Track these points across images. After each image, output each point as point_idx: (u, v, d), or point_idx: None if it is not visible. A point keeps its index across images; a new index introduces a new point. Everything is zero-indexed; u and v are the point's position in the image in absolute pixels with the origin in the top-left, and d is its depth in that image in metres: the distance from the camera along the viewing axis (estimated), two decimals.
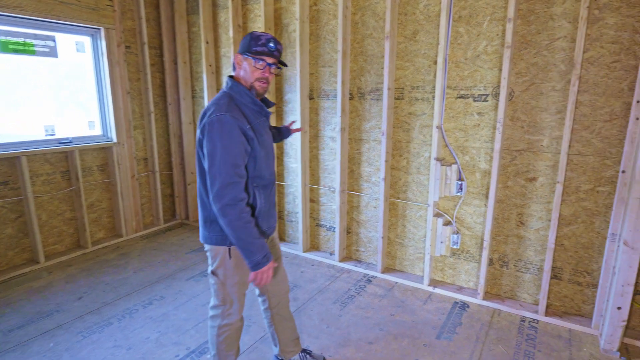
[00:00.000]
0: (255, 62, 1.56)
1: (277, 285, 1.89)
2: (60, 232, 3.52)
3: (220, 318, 1.74)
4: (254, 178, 1.60)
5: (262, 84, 1.60)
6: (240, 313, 1.76)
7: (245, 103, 1.58)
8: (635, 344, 2.25)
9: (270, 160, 1.69)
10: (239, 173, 1.49)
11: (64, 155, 3.48)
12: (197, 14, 3.95)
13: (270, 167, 1.70)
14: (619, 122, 2.24)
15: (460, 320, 2.53)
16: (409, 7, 2.77)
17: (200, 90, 4.13)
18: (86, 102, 3.71)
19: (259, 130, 1.60)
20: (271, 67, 1.60)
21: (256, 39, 1.56)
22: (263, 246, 1.54)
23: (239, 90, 1.58)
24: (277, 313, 1.92)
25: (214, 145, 1.47)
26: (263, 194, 1.64)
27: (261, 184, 1.63)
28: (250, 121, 1.56)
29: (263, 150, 1.61)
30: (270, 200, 1.72)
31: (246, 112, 1.57)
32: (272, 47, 1.57)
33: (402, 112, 2.93)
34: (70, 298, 2.81)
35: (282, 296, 1.91)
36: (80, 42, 3.57)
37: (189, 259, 3.47)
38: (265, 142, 1.64)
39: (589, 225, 2.40)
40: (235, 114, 1.50)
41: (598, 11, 2.20)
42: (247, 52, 1.57)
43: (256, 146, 1.56)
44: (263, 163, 1.62)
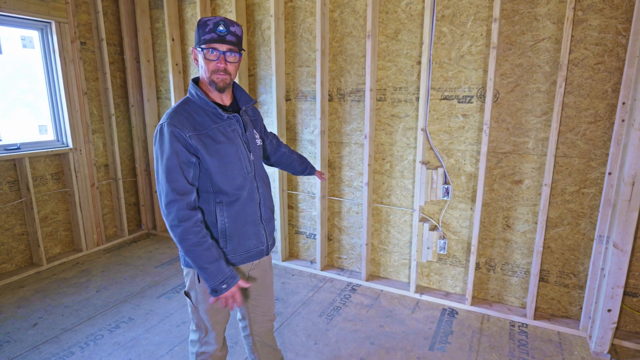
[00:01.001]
0: (207, 52, 1.33)
1: (263, 314, 1.68)
2: (9, 249, 3.15)
3: (198, 344, 1.57)
4: (215, 193, 1.40)
5: (221, 76, 1.35)
6: (218, 343, 1.56)
7: (201, 106, 1.39)
8: (623, 345, 2.27)
9: (235, 172, 1.41)
10: (178, 189, 1.30)
11: (12, 164, 3.11)
12: (160, 9, 3.67)
13: (235, 181, 1.41)
14: (603, 124, 2.24)
15: (451, 329, 2.46)
16: (390, 5, 2.67)
17: (166, 90, 3.85)
18: (36, 104, 3.35)
19: (214, 137, 1.36)
20: (227, 54, 1.34)
21: (203, 25, 1.32)
22: (219, 271, 1.33)
23: (195, 92, 1.39)
24: (259, 340, 1.72)
25: (155, 160, 1.34)
26: (227, 211, 1.41)
27: (225, 200, 1.40)
28: (201, 127, 1.35)
29: (217, 161, 1.36)
30: (245, 218, 1.46)
31: (200, 117, 1.37)
32: (223, 31, 1.32)
33: (385, 114, 2.83)
34: (23, 325, 2.50)
35: (265, 325, 1.71)
36: (27, 37, 3.21)
37: (158, 273, 3.21)
38: (221, 151, 1.37)
39: (575, 227, 2.40)
40: (178, 120, 1.32)
41: (582, 12, 2.19)
42: (198, 43, 1.35)
43: (204, 157, 1.34)
44: (220, 176, 1.37)
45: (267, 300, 1.68)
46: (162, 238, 3.97)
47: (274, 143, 1.83)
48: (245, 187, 1.45)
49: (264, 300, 1.67)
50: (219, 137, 1.38)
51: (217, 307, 1.48)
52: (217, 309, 1.50)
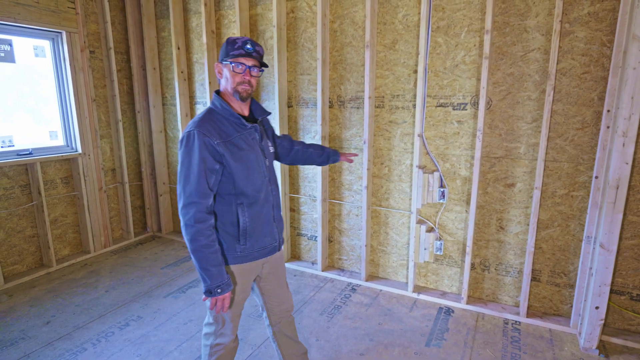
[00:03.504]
0: (234, 66, 1.51)
1: (278, 304, 1.81)
2: (21, 251, 3.26)
3: (213, 337, 1.67)
4: (236, 195, 1.53)
5: (245, 87, 1.53)
6: (233, 333, 1.69)
7: (225, 116, 1.53)
8: (612, 341, 2.37)
9: (255, 177, 1.56)
10: (200, 192, 1.44)
11: (24, 168, 3.23)
12: (166, 19, 3.81)
13: (256, 184, 1.56)
14: (590, 130, 2.36)
15: (447, 326, 2.57)
16: (387, 17, 2.80)
17: (171, 97, 3.97)
18: (47, 111, 3.48)
19: (237, 145, 1.51)
20: (252, 69, 1.53)
21: (232, 43, 1.51)
22: (218, 275, 1.47)
23: (219, 103, 1.54)
24: (278, 330, 1.86)
25: (181, 162, 1.47)
26: (249, 212, 1.56)
27: (245, 201, 1.55)
28: (226, 135, 1.50)
29: (241, 166, 1.51)
30: (262, 218, 1.61)
31: (225, 126, 1.52)
32: (250, 49, 1.51)
33: (383, 120, 2.95)
34: (37, 323, 2.61)
35: (283, 315, 1.84)
36: (39, 47, 3.33)
37: (165, 274, 3.32)
38: (244, 157, 1.53)
39: (565, 228, 2.51)
40: (206, 128, 1.46)
41: (569, 25, 2.31)
42: (225, 58, 1.52)
43: (229, 162, 1.48)
44: (243, 180, 1.52)
45: (280, 291, 1.81)
46: (167, 240, 4.08)
47: (285, 145, 1.93)
48: (262, 190, 1.60)
49: (278, 291, 1.80)
50: (242, 145, 1.53)
51: (237, 300, 1.62)
52: (237, 302, 1.63)
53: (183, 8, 3.66)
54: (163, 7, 3.80)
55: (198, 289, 3.05)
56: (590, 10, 2.25)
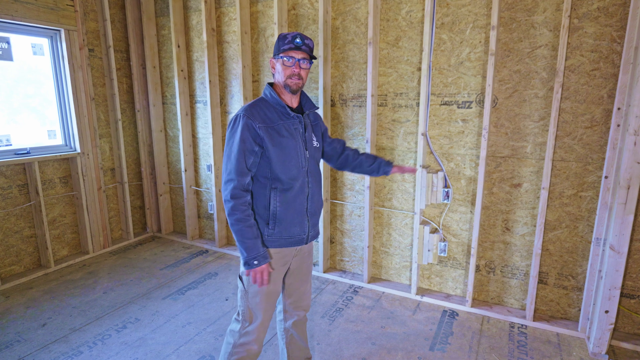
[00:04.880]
0: (285, 60, 1.57)
1: (296, 300, 1.82)
2: (18, 252, 3.22)
3: (237, 335, 1.66)
4: (272, 180, 1.58)
5: (295, 80, 1.59)
6: (259, 333, 1.65)
7: (273, 105, 1.62)
8: (622, 346, 2.30)
9: (291, 164, 1.59)
10: (237, 170, 1.52)
11: (21, 168, 3.19)
12: (166, 16, 3.76)
13: (291, 171, 1.59)
14: (600, 129, 2.29)
15: (451, 330, 2.50)
16: (391, 13, 2.74)
17: (171, 96, 3.93)
18: (45, 110, 3.43)
19: (278, 131, 1.57)
20: (301, 62, 1.58)
21: (282, 39, 1.58)
22: (254, 247, 1.53)
23: (269, 92, 1.63)
24: (291, 327, 1.86)
25: (227, 142, 1.57)
26: (281, 198, 1.59)
27: (279, 187, 1.59)
28: (270, 121, 1.57)
29: (278, 151, 1.56)
30: (294, 207, 1.62)
31: (270, 113, 1.59)
32: (299, 42, 1.57)
33: (386, 119, 2.89)
34: (33, 325, 2.56)
35: (298, 313, 1.85)
36: (37, 45, 3.29)
37: (164, 275, 3.27)
38: (283, 143, 1.57)
39: (573, 229, 2.45)
40: (251, 112, 1.55)
41: (577, 20, 2.25)
42: (277, 54, 1.60)
43: (268, 146, 1.54)
44: (279, 165, 1.56)
45: (302, 286, 1.81)
46: (167, 241, 4.03)
47: (337, 147, 1.90)
48: (298, 179, 1.62)
49: (300, 286, 1.81)
50: (283, 132, 1.59)
51: (270, 290, 1.63)
52: (269, 292, 1.63)
53: (183, 6, 3.61)
54: (163, 4, 3.75)
55: (197, 291, 3.00)
56: (599, 5, 2.18)
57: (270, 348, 2.32)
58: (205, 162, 3.84)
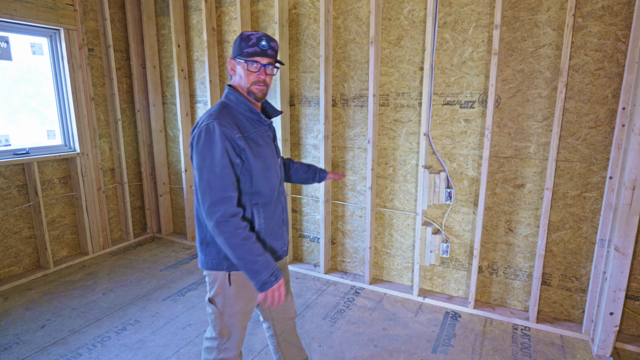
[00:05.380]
0: (248, 64, 1.42)
1: (283, 312, 1.73)
2: (17, 252, 3.19)
3: (216, 351, 1.55)
4: (252, 195, 1.44)
5: (260, 87, 1.45)
6: (238, 348, 1.57)
7: (241, 111, 1.45)
8: (626, 348, 2.28)
9: (271, 175, 1.49)
10: (229, 186, 1.35)
11: (20, 168, 3.17)
12: (166, 16, 3.74)
13: (272, 183, 1.49)
14: (604, 129, 2.27)
15: (454, 332, 2.48)
16: (393, 12, 2.72)
17: (171, 96, 3.90)
18: (44, 110, 3.41)
19: (255, 140, 1.44)
20: (267, 67, 1.45)
21: (246, 39, 1.42)
22: (269, 263, 1.37)
23: (235, 97, 1.46)
24: (283, 339, 1.77)
25: (202, 158, 1.35)
26: (263, 213, 1.47)
27: (261, 201, 1.46)
28: (244, 130, 1.42)
29: (259, 163, 1.43)
30: (274, 220, 1.53)
31: (241, 121, 1.44)
32: (265, 46, 1.42)
33: (388, 119, 2.87)
34: (32, 327, 2.53)
35: (288, 322, 1.76)
36: (37, 44, 3.27)
37: (164, 276, 3.25)
38: (262, 153, 1.45)
39: (577, 230, 2.42)
40: (225, 121, 1.37)
41: (582, 19, 2.22)
42: (239, 55, 1.44)
43: (249, 157, 1.40)
44: (261, 178, 1.44)
45: (286, 297, 1.72)
46: (167, 242, 4.01)
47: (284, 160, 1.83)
48: (276, 190, 1.53)
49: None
50: (260, 141, 1.46)
51: (246, 310, 1.53)
52: (245, 312, 1.53)
53: (183, 5, 3.59)
54: (163, 4, 3.73)
55: (197, 292, 2.98)
56: (604, 4, 2.16)
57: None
58: None
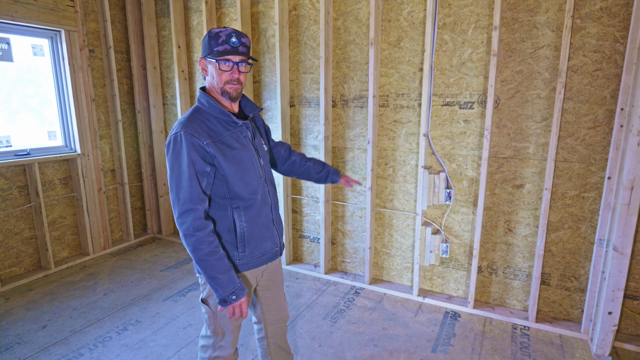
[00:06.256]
0: (220, 64, 1.37)
1: (276, 313, 1.71)
2: (18, 253, 3.20)
3: (211, 349, 1.56)
4: (231, 199, 1.42)
5: (234, 86, 1.41)
6: (233, 346, 1.58)
7: (213, 115, 1.41)
8: (625, 347, 2.29)
9: (250, 177, 1.44)
10: (194, 198, 1.32)
11: (21, 169, 3.18)
12: (167, 17, 3.75)
13: (251, 186, 1.44)
14: (603, 129, 2.28)
15: (453, 331, 2.49)
16: (392, 14, 2.73)
17: (172, 97, 3.91)
18: (45, 111, 3.42)
19: (229, 144, 1.39)
20: (240, 65, 1.40)
21: (215, 37, 1.36)
22: (230, 281, 1.36)
23: (206, 101, 1.42)
24: (273, 343, 1.74)
25: (171, 168, 1.35)
26: (245, 216, 1.44)
27: (241, 205, 1.43)
28: (216, 135, 1.38)
29: (234, 167, 1.39)
30: (260, 222, 1.49)
31: (214, 125, 1.40)
32: (236, 42, 1.36)
33: (387, 119, 2.88)
34: (33, 327, 2.54)
35: (279, 325, 1.74)
36: (37, 45, 3.28)
37: (164, 276, 3.26)
38: (237, 157, 1.40)
39: (576, 230, 2.44)
40: (193, 128, 1.34)
41: (580, 20, 2.24)
42: (209, 54, 1.38)
43: (221, 163, 1.36)
44: (237, 182, 1.40)
45: (278, 299, 1.71)
46: (167, 242, 4.02)
47: (282, 152, 1.78)
48: (259, 192, 1.48)
49: (276, 299, 1.70)
50: (234, 144, 1.41)
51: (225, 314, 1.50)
52: None
53: (184, 6, 3.60)
54: (163, 5, 3.74)
55: (198, 292, 2.99)
56: (602, 5, 2.17)
57: None
58: None
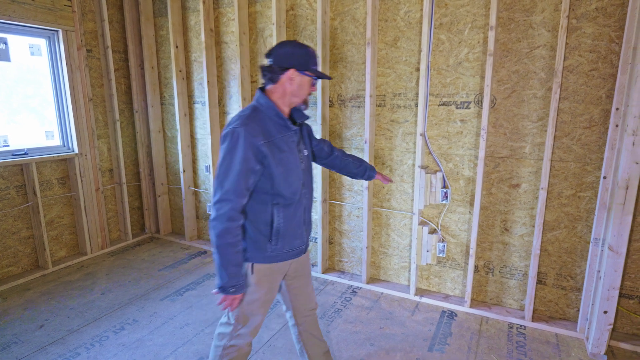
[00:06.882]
0: (313, 80, 1.57)
1: (304, 302, 1.82)
2: (16, 253, 3.20)
3: (228, 337, 1.62)
4: (273, 196, 1.52)
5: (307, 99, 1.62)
6: (252, 336, 1.65)
7: (269, 116, 1.52)
8: (620, 346, 2.30)
9: (293, 179, 1.55)
10: (237, 191, 1.43)
11: (19, 169, 3.18)
12: (164, 17, 3.75)
13: (293, 186, 1.55)
14: (598, 129, 2.29)
15: (450, 330, 2.50)
16: (389, 14, 2.74)
17: (169, 96, 3.92)
18: (43, 110, 3.42)
19: (279, 146, 1.50)
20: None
21: (313, 56, 1.55)
22: (236, 276, 1.48)
23: (265, 102, 1.53)
24: (304, 330, 1.86)
25: (223, 157, 1.45)
26: (283, 213, 1.55)
27: (281, 202, 1.54)
28: (269, 135, 1.48)
29: (281, 168, 1.50)
30: (294, 221, 1.60)
31: (268, 126, 1.50)
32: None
33: (384, 119, 2.89)
34: (30, 327, 2.55)
35: (308, 314, 1.85)
36: (35, 45, 3.28)
37: (162, 276, 3.26)
38: (285, 159, 1.52)
39: (572, 230, 2.44)
40: (253, 127, 1.45)
41: (576, 20, 2.25)
42: (307, 70, 1.53)
43: (270, 164, 1.47)
44: (282, 182, 1.51)
45: (306, 289, 1.82)
46: (165, 242, 4.02)
47: (325, 149, 1.90)
48: (298, 193, 1.59)
49: (304, 289, 1.81)
50: (283, 147, 1.52)
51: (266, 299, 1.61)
52: (264, 301, 1.61)
53: (181, 6, 3.61)
54: (161, 5, 3.75)
55: (195, 292, 2.99)
56: (598, 5, 2.18)
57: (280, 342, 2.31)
58: (203, 162, 3.83)
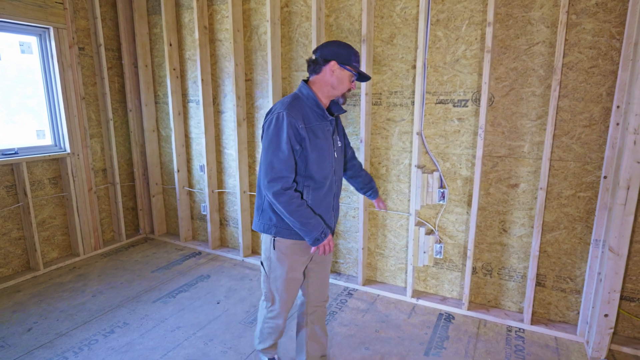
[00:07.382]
0: (354, 76, 1.70)
1: (318, 291, 1.92)
2: (6, 254, 3.15)
3: (265, 311, 1.86)
4: (305, 177, 1.65)
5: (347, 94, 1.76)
6: (283, 317, 1.83)
7: (309, 105, 1.66)
8: (622, 350, 2.25)
9: (325, 165, 1.68)
10: (288, 168, 1.59)
11: (9, 168, 3.12)
12: (158, 14, 3.70)
13: (324, 171, 1.68)
14: (598, 127, 2.23)
15: (447, 334, 2.44)
16: (385, 10, 2.68)
17: (163, 95, 3.86)
18: (34, 109, 3.37)
19: (315, 132, 1.64)
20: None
21: (355, 55, 1.69)
22: (319, 224, 1.64)
23: (306, 92, 1.68)
24: (312, 321, 1.93)
25: (269, 141, 1.60)
26: (312, 195, 1.68)
27: (312, 185, 1.67)
28: (308, 122, 1.62)
29: (315, 153, 1.63)
30: (323, 204, 1.73)
31: (307, 113, 1.64)
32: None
33: (380, 118, 2.83)
34: (18, 330, 2.49)
35: (319, 304, 1.93)
36: (25, 43, 3.23)
37: (155, 278, 3.20)
38: (319, 145, 1.65)
39: (571, 231, 2.39)
40: (294, 112, 1.59)
41: (575, 16, 2.19)
42: (348, 65, 1.66)
43: (307, 147, 1.61)
44: (314, 165, 1.64)
45: (324, 277, 1.93)
46: (159, 242, 3.97)
47: (348, 153, 2.04)
48: (328, 178, 1.73)
49: (322, 276, 1.92)
50: (319, 134, 1.66)
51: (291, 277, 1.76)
52: (290, 279, 1.76)
53: (175, 3, 3.55)
54: (155, 2, 3.69)
55: (188, 294, 2.94)
56: (598, 1, 2.12)
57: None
58: (198, 162, 3.78)
